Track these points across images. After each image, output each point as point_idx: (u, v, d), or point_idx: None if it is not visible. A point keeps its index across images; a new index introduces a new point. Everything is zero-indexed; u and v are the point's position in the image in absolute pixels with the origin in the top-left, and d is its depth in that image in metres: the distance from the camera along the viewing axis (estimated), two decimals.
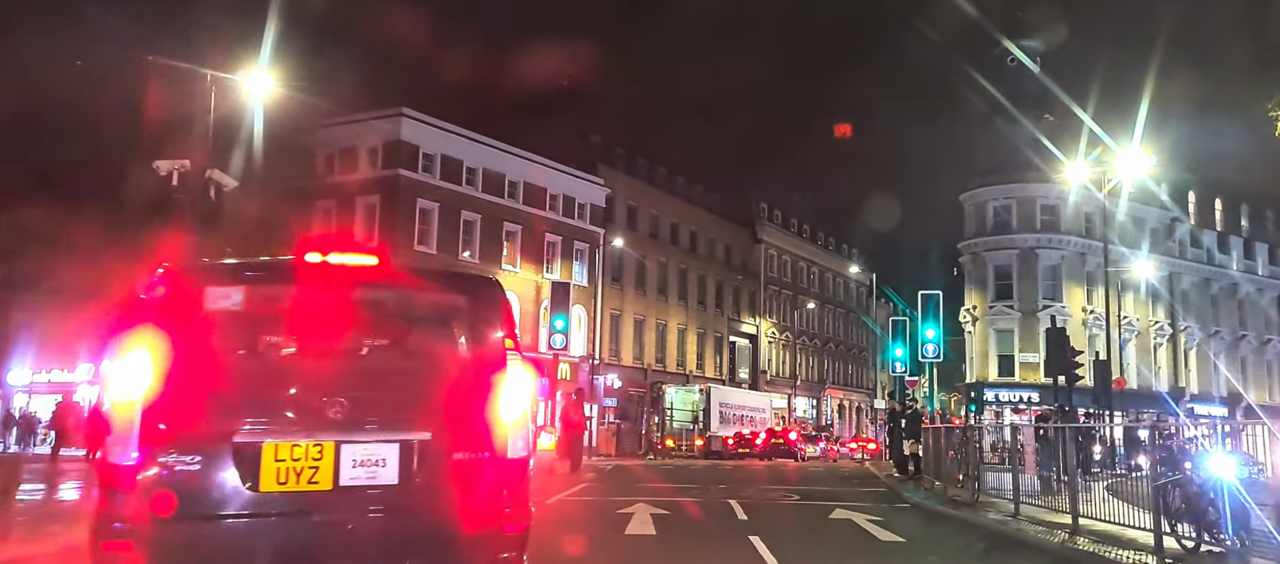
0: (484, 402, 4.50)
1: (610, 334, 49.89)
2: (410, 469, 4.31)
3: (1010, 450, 25.37)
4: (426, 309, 4.74)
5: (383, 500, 4.26)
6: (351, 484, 4.22)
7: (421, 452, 4.33)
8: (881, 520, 11.88)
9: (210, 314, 4.31)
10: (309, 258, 4.48)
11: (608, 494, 15.32)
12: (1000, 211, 53.28)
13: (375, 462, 4.28)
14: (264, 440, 4.12)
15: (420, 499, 4.32)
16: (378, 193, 39.20)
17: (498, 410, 4.51)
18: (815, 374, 70.67)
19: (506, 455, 4.51)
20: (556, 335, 25.54)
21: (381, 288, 4.63)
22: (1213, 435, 8.10)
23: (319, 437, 4.19)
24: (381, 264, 4.57)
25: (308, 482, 4.15)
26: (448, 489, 4.37)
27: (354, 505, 4.21)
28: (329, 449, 4.20)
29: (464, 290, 4.87)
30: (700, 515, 12.69)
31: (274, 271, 4.69)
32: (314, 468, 4.17)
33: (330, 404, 4.22)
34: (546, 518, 11.79)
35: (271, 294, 4.51)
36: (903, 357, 28.31)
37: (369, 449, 4.27)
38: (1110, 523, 10.07)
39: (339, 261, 4.49)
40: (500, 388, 4.54)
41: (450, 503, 4.37)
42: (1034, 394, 49.35)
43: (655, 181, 55.23)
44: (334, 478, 4.19)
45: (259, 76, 23.00)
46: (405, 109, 39.45)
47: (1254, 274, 61.18)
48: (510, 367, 4.60)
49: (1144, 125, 31.67)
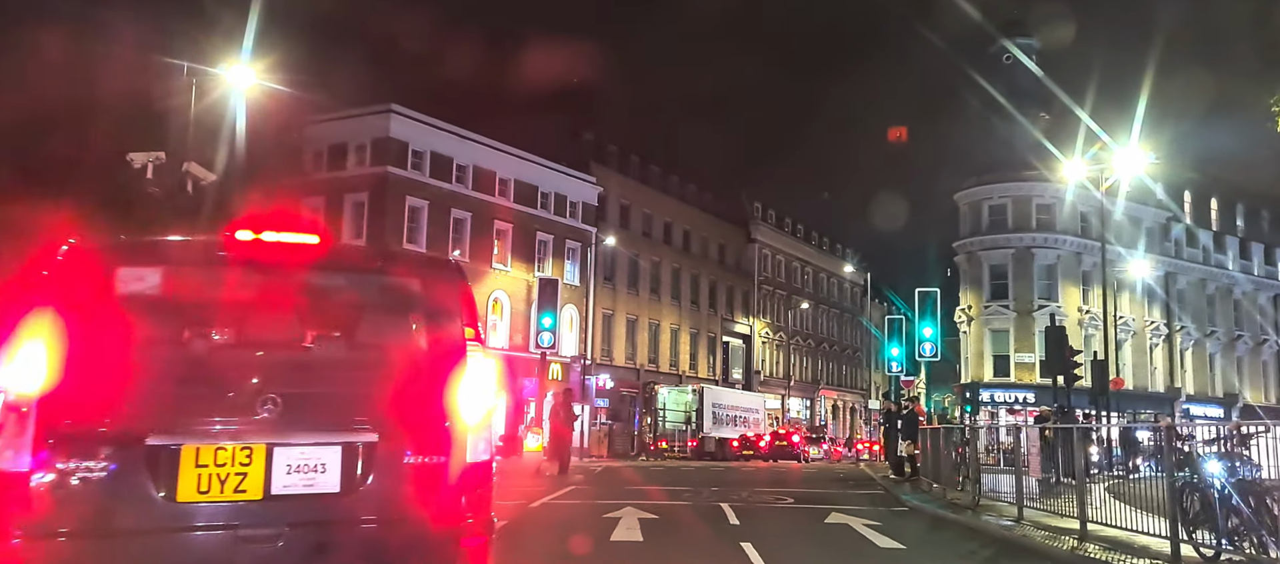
0: (440, 398, 3.98)
1: (602, 334, 49.35)
2: (354, 475, 3.79)
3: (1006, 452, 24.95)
4: (374, 294, 4.21)
5: (322, 511, 3.74)
6: (285, 493, 3.70)
7: (367, 455, 3.82)
8: (879, 525, 11.39)
9: (122, 297, 3.78)
10: (239, 235, 3.95)
11: (595, 497, 14.81)
12: (996, 211, 52.93)
13: (313, 467, 3.76)
14: (182, 443, 3.60)
15: (366, 509, 3.80)
16: (366, 190, 38.62)
17: (456, 408, 4.00)
18: (809, 375, 70.24)
19: (466, 458, 3.99)
20: (544, 334, 24.91)
21: (323, 270, 4.10)
22: (1235, 437, 7.60)
23: (247, 439, 3.67)
24: (323, 243, 4.04)
25: (234, 491, 3.63)
26: (398, 498, 3.85)
27: (288, 517, 3.69)
28: (259, 453, 3.68)
29: (417, 273, 4.35)
30: (690, 520, 12.18)
31: (198, 251, 4.15)
32: (241, 475, 3.65)
33: (261, 401, 3.70)
34: (529, 522, 11.29)
35: (195, 276, 3.97)
36: (899, 356, 27.85)
37: (306, 453, 3.75)
38: (1119, 528, 9.58)
39: (274, 240, 3.97)
40: (459, 382, 4.02)
41: (401, 513, 3.86)
42: (1030, 394, 49.02)
43: (648, 180, 54.74)
44: (265, 486, 3.67)
45: (241, 70, 22.51)
46: (394, 105, 38.90)
47: (1250, 274, 60.93)
48: (470, 359, 4.08)
49: (1141, 124, 31.29)
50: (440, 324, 4.13)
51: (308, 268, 4.03)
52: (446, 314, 4.16)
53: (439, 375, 4.00)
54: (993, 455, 19.49)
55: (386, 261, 4.43)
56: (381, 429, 3.84)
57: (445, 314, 4.15)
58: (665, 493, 16.60)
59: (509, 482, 18.29)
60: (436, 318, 4.14)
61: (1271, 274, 62.16)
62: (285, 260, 3.99)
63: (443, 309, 4.16)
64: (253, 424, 3.68)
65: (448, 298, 4.20)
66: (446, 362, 4.03)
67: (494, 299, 42.52)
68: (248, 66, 22.66)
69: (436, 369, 4.01)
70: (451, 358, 4.05)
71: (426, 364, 4.04)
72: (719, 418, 46.69)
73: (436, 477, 3.92)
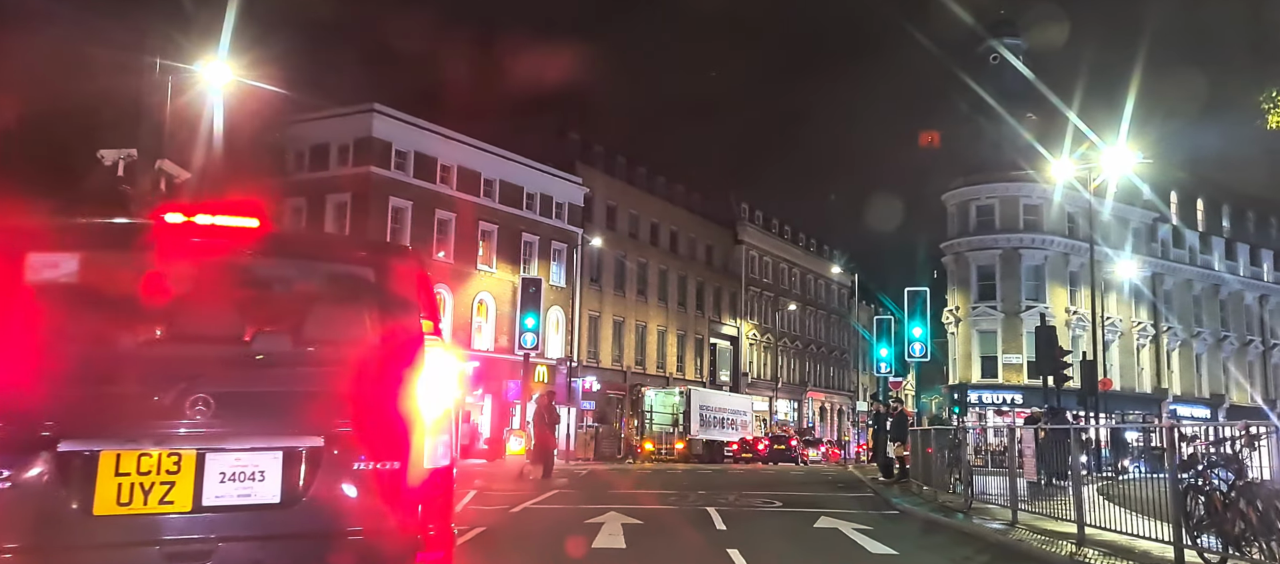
0: (395, 397, 3.60)
1: (589, 336, 48.96)
2: (296, 484, 3.41)
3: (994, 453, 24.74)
4: (320, 282, 3.82)
5: (260, 524, 3.36)
6: (218, 504, 3.31)
7: (312, 461, 3.43)
8: (870, 530, 11.05)
9: (33, 286, 3.39)
10: (169, 218, 3.57)
11: (579, 502, 14.42)
12: (983, 211, 52.81)
13: (250, 475, 3.37)
14: (101, 449, 3.21)
15: (310, 522, 3.41)
16: (349, 191, 38.10)
17: (413, 408, 3.62)
18: (796, 376, 70.01)
19: (424, 464, 3.61)
20: (527, 334, 24.45)
21: (262, 256, 3.71)
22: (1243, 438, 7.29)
23: (175, 444, 3.29)
24: (262, 227, 3.66)
25: (159, 502, 3.24)
26: (347, 508, 3.47)
27: (221, 531, 3.31)
28: (189, 460, 3.30)
29: (369, 260, 3.96)
30: (676, 525, 11.81)
31: (121, 235, 3.73)
32: (168, 484, 3.27)
33: (192, 402, 3.31)
34: (508, 529, 10.91)
35: (118, 263, 3.57)
36: (888, 356, 27.57)
37: (242, 459, 3.37)
38: (1117, 532, 9.27)
39: (207, 223, 3.58)
40: (416, 380, 3.64)
41: (350, 525, 3.47)
42: (1017, 396, 48.93)
43: (635, 181, 54.39)
44: (194, 497, 3.29)
45: (217, 67, 22.05)
46: (377, 105, 38.43)
47: (1236, 274, 61.04)
48: (428, 354, 3.71)
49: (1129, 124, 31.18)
50: (394, 315, 3.75)
51: (245, 254, 3.65)
52: (401, 304, 3.78)
53: (393, 372, 3.62)
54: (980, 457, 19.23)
55: (334, 247, 4.04)
56: (327, 432, 3.46)
57: (400, 304, 3.77)
58: (651, 497, 16.23)
59: (491, 486, 17.90)
60: (390, 308, 3.76)
61: (1257, 274, 62.32)
62: (220, 245, 3.60)
63: (397, 299, 3.78)
64: (181, 427, 3.30)
65: (403, 287, 3.82)
66: (401, 357, 3.66)
67: (479, 301, 42.09)
68: (225, 64, 22.22)
69: (390, 365, 3.64)
70: (407, 353, 3.67)
71: (379, 360, 3.65)
72: (706, 420, 46.35)
73: (390, 484, 3.54)
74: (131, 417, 3.28)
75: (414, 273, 3.89)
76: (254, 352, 3.53)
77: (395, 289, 3.80)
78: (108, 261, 3.56)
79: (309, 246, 3.98)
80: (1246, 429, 7.30)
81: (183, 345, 3.47)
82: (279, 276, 3.76)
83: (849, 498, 17.08)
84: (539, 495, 15.44)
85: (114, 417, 3.27)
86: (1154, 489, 9.36)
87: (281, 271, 3.77)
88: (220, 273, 3.61)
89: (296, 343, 3.61)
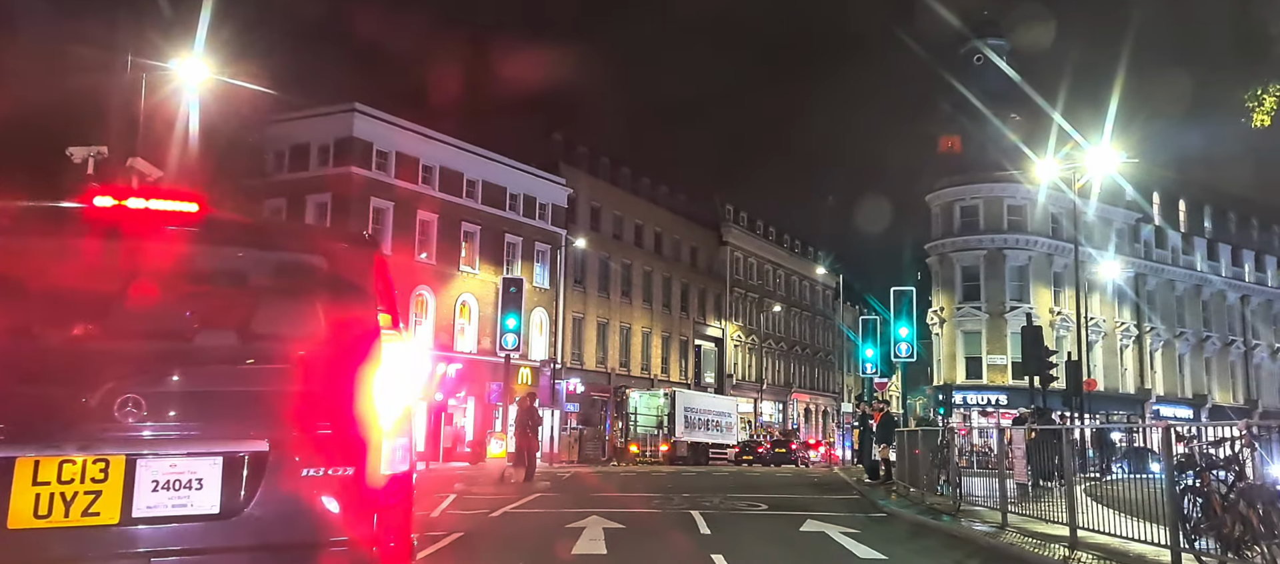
0: (348, 397, 3.30)
1: (572, 337, 48.63)
2: (238, 493, 3.11)
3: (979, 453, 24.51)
4: (267, 272, 3.51)
5: (197, 537, 3.06)
6: (150, 515, 3.01)
7: (255, 468, 3.13)
8: (857, 533, 10.81)
9: None
10: (98, 201, 3.26)
11: (560, 506, 14.12)
12: (968, 212, 52.81)
13: (187, 483, 3.07)
14: (17, 455, 2.90)
15: (253, 535, 3.11)
16: (329, 191, 37.64)
17: (367, 409, 3.32)
18: (781, 378, 69.87)
19: (380, 469, 3.32)
20: (508, 335, 24.07)
21: (202, 243, 3.39)
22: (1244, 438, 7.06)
23: (102, 449, 2.99)
24: (201, 211, 3.35)
25: (83, 514, 2.94)
26: (294, 519, 3.17)
27: (154, 546, 3.01)
28: (117, 467, 2.99)
29: (320, 247, 3.65)
30: (659, 530, 11.53)
31: (45, 219, 3.40)
32: (93, 494, 2.96)
33: (121, 403, 3.01)
34: (486, 534, 10.61)
35: (41, 249, 3.25)
36: (874, 357, 27.37)
37: (178, 465, 3.06)
38: (1109, 535, 9.06)
39: (140, 207, 3.27)
40: (372, 378, 3.35)
41: (298, 538, 3.18)
42: (1002, 396, 48.94)
43: (619, 182, 54.11)
44: (123, 508, 2.99)
45: (192, 64, 21.63)
46: (357, 104, 37.98)
47: (1218, 275, 61.32)
48: (385, 351, 3.41)
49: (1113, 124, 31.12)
50: (349, 307, 3.45)
51: (183, 240, 3.33)
52: (357, 295, 3.47)
53: (347, 369, 3.33)
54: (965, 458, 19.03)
55: (282, 234, 3.72)
56: (273, 436, 3.16)
57: (355, 295, 3.47)
58: (634, 500, 15.94)
59: (472, 489, 17.59)
60: (344, 300, 3.45)
61: (1239, 274, 62.63)
62: (155, 231, 3.29)
63: (352, 289, 3.47)
64: (109, 431, 3.00)
65: (358, 276, 3.51)
66: (356, 353, 3.36)
67: (462, 302, 41.71)
68: (200, 61, 21.81)
69: (344, 362, 3.34)
70: (362, 348, 3.37)
71: (331, 356, 3.35)
72: (691, 422, 46.08)
73: (344, 493, 3.24)
74: (52, 419, 2.97)
75: (371, 261, 3.59)
76: (192, 348, 3.23)
77: (350, 279, 3.49)
78: (28, 248, 3.23)
79: (254, 233, 3.65)
80: (1248, 428, 7.08)
81: (112, 340, 3.15)
82: (221, 265, 3.44)
83: (835, 500, 16.85)
84: (520, 499, 15.13)
85: (32, 419, 2.96)
86: (1140, 490, 9.18)
87: (223, 260, 3.45)
88: (155, 261, 3.30)
89: (240, 338, 3.30)
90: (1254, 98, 15.60)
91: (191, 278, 3.36)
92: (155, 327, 3.21)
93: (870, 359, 27.45)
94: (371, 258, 3.60)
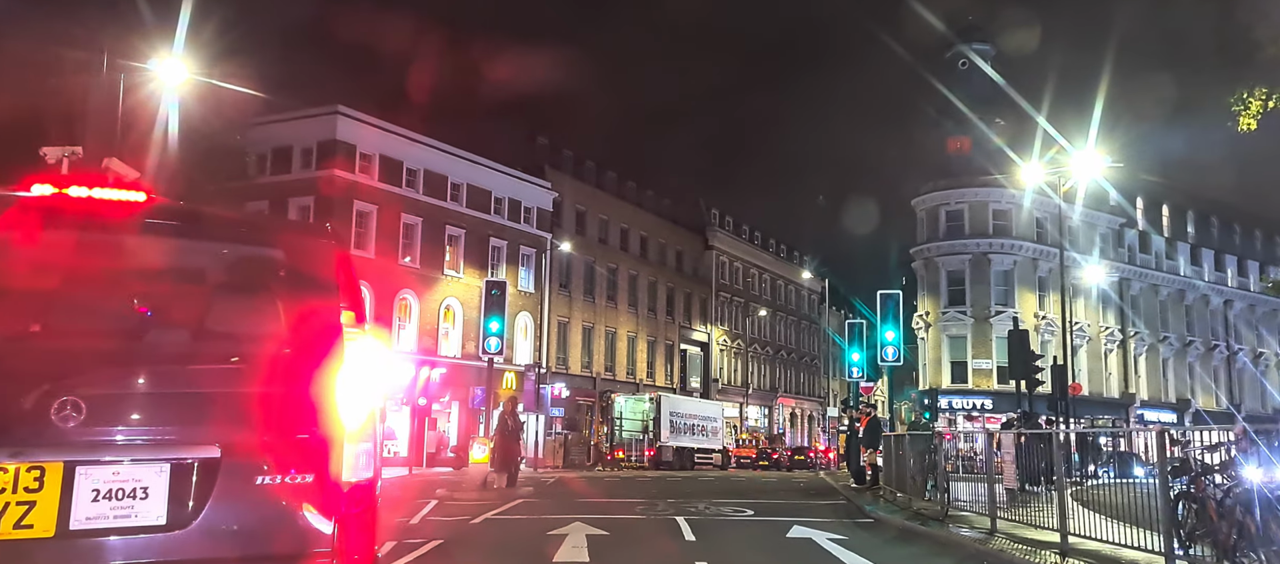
0: (307, 399, 3.10)
1: (557, 341, 48.37)
2: (187, 503, 2.89)
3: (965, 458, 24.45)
4: (221, 265, 3.29)
5: (142, 551, 2.84)
6: (90, 528, 2.80)
7: (206, 475, 2.92)
8: (845, 539, 10.62)
9: None
10: (37, 190, 3.04)
11: (543, 512, 13.88)
12: (953, 216, 52.87)
13: (130, 492, 2.86)
14: None
15: (203, 547, 2.90)
16: (311, 194, 37.24)
17: (329, 412, 3.11)
18: (767, 382, 69.77)
19: (342, 476, 3.11)
20: (491, 339, 23.77)
21: (150, 236, 3.18)
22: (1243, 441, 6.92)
23: (37, 455, 2.77)
24: (149, 201, 3.13)
25: (14, 526, 2.73)
26: (248, 531, 2.96)
27: (93, 561, 2.79)
28: (53, 474, 2.78)
29: (278, 239, 3.44)
30: (643, 536, 11.31)
31: None
32: (26, 505, 2.75)
33: (59, 405, 2.79)
34: (465, 541, 10.37)
35: None
36: (860, 361, 27.25)
37: (120, 473, 2.85)
38: (1101, 541, 8.91)
39: (83, 196, 3.06)
40: (333, 378, 3.14)
41: (252, 551, 2.97)
42: (987, 401, 48.97)
43: (605, 186, 53.90)
44: (60, 519, 2.77)
45: (172, 64, 21.32)
46: (340, 107, 37.64)
47: (1202, 279, 61.62)
48: (348, 349, 3.20)
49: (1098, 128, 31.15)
50: (308, 303, 3.23)
51: (128, 232, 3.11)
52: (317, 290, 3.26)
53: (306, 369, 3.12)
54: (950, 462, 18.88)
55: (237, 225, 3.49)
56: (226, 440, 2.95)
57: (316, 290, 3.26)
58: (618, 506, 15.72)
59: (454, 495, 17.34)
60: (303, 295, 3.24)
61: (1222, 279, 62.96)
62: (98, 222, 3.07)
63: (312, 284, 3.26)
64: (45, 436, 2.78)
65: (319, 270, 3.30)
66: (316, 351, 3.15)
67: (446, 307, 41.40)
68: (180, 61, 21.51)
69: (303, 361, 3.13)
70: (323, 346, 3.16)
71: (290, 355, 3.14)
72: (676, 427, 45.85)
73: (302, 502, 3.04)
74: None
75: (333, 254, 3.38)
76: (138, 346, 3.01)
77: (310, 273, 3.29)
78: None
79: (207, 225, 3.43)
80: (1246, 432, 6.93)
81: (50, 339, 2.94)
82: (170, 259, 3.22)
83: (822, 505, 16.68)
84: (502, 505, 14.89)
85: None
86: (1128, 495, 9.06)
87: (173, 253, 3.23)
88: (98, 254, 3.08)
89: (191, 335, 3.09)
90: (1240, 102, 15.56)
91: (138, 272, 3.14)
92: (98, 324, 3.00)
93: (856, 363, 27.30)
94: (333, 251, 3.39)
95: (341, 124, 37.59)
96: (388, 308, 38.33)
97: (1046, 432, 14.62)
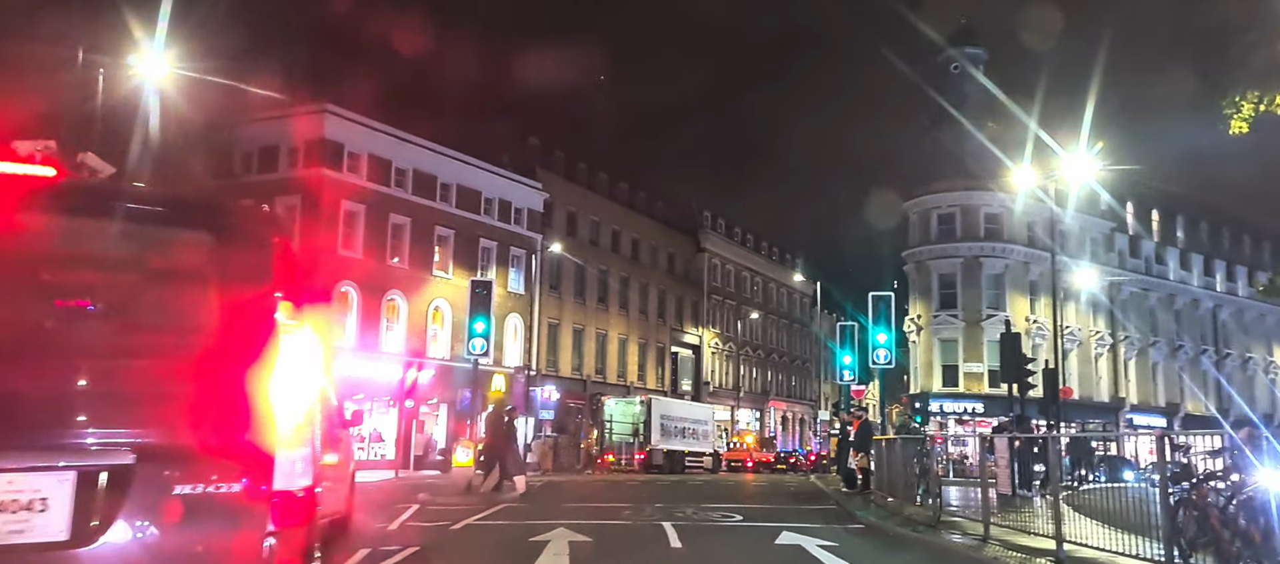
0: (236, 400, 2.79)
1: (548, 344, 48.02)
2: (93, 516, 2.58)
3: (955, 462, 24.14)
4: (139, 249, 2.98)
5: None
6: None
7: (117, 485, 2.61)
8: (835, 546, 10.32)
9: None
10: None
11: (527, 517, 13.56)
12: (944, 219, 52.75)
13: (27, 504, 2.55)
14: None
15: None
16: (298, 193, 36.82)
17: (261, 414, 2.81)
18: (758, 386, 69.53)
19: (274, 485, 2.80)
20: (476, 339, 23.35)
21: (58, 215, 2.87)
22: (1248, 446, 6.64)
23: None
24: (59, 177, 2.82)
25: None
26: (164, 547, 2.65)
27: None
28: None
29: (206, 221, 3.12)
30: (628, 543, 11.00)
31: None
32: None
33: None
34: (444, 548, 10.05)
35: None
36: (852, 363, 26.97)
37: (15, 482, 2.54)
38: (1097, 549, 8.64)
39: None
40: (266, 377, 2.83)
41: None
42: (978, 405, 48.81)
43: (596, 187, 53.60)
44: None
45: (153, 59, 20.95)
46: (329, 105, 37.22)
47: (1191, 284, 61.61)
48: (283, 345, 2.89)
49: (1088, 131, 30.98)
50: (239, 292, 2.93)
51: (34, 211, 2.80)
52: (250, 278, 2.95)
53: (234, 366, 2.81)
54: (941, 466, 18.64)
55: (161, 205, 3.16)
56: (141, 445, 2.64)
57: (248, 278, 2.95)
58: (605, 510, 15.42)
59: (437, 499, 17.00)
60: (234, 283, 2.93)
61: (1211, 284, 62.97)
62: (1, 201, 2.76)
63: (244, 271, 2.95)
64: None
65: (252, 255, 2.99)
66: (247, 346, 2.84)
67: (434, 308, 41.03)
68: (161, 57, 21.14)
69: (231, 357, 2.82)
70: (255, 340, 2.86)
71: (216, 350, 2.83)
72: (667, 430, 45.52)
73: (228, 513, 2.73)
74: None
75: (269, 239, 3.07)
76: (41, 339, 2.69)
77: (243, 259, 2.97)
78: None
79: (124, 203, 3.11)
80: (1251, 436, 6.66)
81: None
82: (82, 242, 2.91)
83: (812, 511, 16.40)
84: (486, 510, 14.55)
85: None
86: (1121, 500, 8.81)
87: (85, 235, 2.91)
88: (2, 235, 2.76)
89: (103, 328, 2.78)
90: (1232, 105, 15.39)
91: (45, 257, 2.83)
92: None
93: (848, 366, 27.02)
94: (269, 235, 3.08)
95: (330, 123, 37.21)
96: (375, 309, 37.97)
97: (1040, 436, 14.36)
